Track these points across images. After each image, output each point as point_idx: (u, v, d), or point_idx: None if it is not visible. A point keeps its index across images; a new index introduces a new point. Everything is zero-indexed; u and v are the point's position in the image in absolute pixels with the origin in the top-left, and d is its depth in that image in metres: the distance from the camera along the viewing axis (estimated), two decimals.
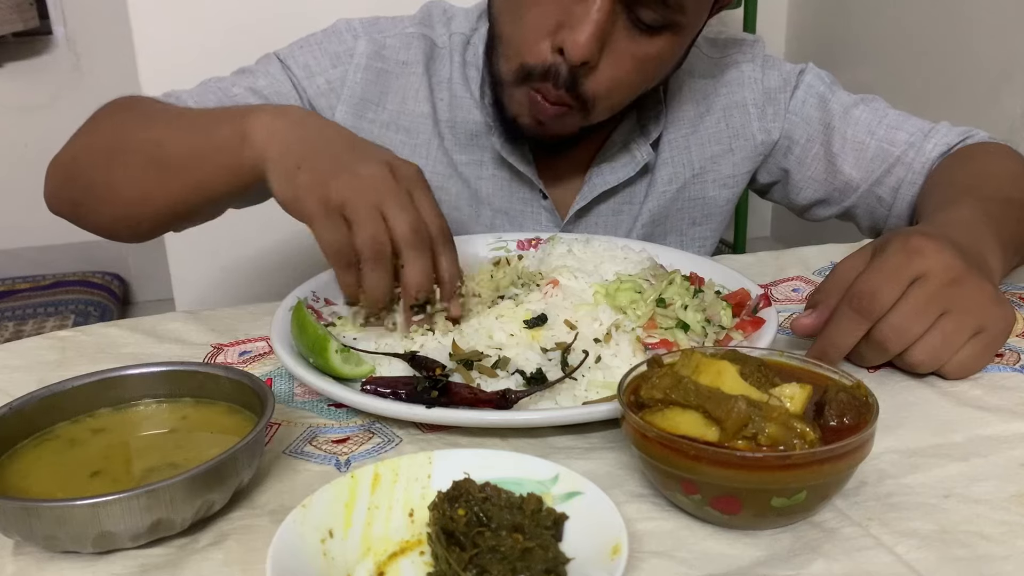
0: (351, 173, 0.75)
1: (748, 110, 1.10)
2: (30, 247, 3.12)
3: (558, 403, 0.69)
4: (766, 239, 3.38)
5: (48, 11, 3.00)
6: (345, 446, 0.67)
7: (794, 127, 1.10)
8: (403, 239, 0.74)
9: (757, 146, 1.11)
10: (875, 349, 0.72)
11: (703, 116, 1.10)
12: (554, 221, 1.07)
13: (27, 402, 0.62)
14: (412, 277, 0.75)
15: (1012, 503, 0.58)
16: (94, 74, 3.03)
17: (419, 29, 1.06)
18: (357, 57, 1.03)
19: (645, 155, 1.06)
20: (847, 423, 0.56)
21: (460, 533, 0.51)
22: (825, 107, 1.09)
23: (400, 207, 0.74)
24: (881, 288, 0.70)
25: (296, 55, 1.04)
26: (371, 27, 1.06)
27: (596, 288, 0.81)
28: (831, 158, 1.08)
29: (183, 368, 0.67)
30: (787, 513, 0.54)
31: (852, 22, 2.83)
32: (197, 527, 0.57)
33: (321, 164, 0.77)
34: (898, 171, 1.06)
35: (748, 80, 1.10)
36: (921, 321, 0.70)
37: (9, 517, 0.53)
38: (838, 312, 0.72)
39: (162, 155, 0.87)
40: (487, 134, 1.04)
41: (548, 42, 0.88)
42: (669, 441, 0.54)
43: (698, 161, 1.10)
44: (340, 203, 0.74)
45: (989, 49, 2.24)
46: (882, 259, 0.71)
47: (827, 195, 1.12)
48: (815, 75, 1.11)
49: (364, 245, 0.73)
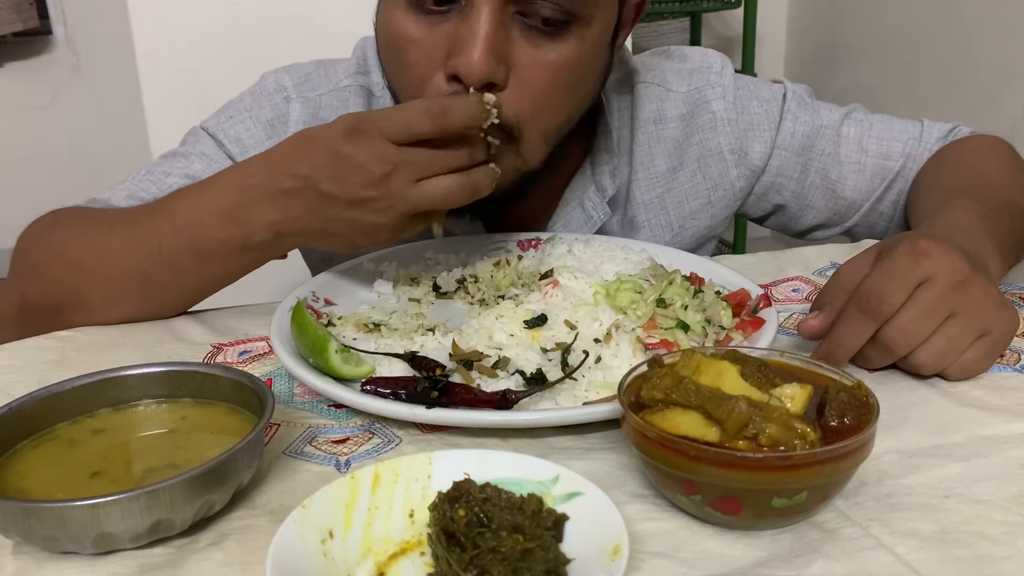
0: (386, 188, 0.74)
1: (724, 157, 1.04)
2: None
3: (558, 403, 0.69)
4: (766, 239, 3.38)
5: (48, 11, 3.00)
6: (345, 446, 0.67)
7: (785, 163, 1.05)
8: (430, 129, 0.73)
9: (736, 193, 1.06)
10: (881, 351, 0.72)
11: (676, 170, 1.03)
12: None
13: (27, 402, 0.62)
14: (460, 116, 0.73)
15: (1012, 503, 0.58)
16: (94, 74, 3.04)
17: (354, 80, 1.00)
18: (292, 124, 0.98)
19: (602, 215, 0.99)
20: (848, 423, 0.56)
21: (460, 534, 0.51)
22: (815, 133, 1.05)
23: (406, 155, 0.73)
24: (889, 290, 0.69)
25: (226, 128, 0.98)
26: (302, 85, 0.99)
27: (596, 288, 0.81)
28: (830, 185, 1.06)
29: (183, 368, 0.67)
30: (788, 513, 0.54)
31: (852, 22, 2.83)
32: (197, 527, 0.57)
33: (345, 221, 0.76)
34: (898, 184, 1.05)
35: (720, 123, 1.02)
36: (928, 324, 0.69)
37: (9, 517, 0.53)
38: (845, 314, 0.71)
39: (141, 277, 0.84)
40: None
41: (440, 73, 0.80)
42: (669, 441, 0.54)
43: (676, 220, 1.05)
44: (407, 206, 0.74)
45: (989, 49, 2.24)
46: (890, 261, 0.71)
47: (827, 219, 1.10)
48: (796, 99, 1.05)
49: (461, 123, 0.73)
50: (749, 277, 0.85)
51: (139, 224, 0.85)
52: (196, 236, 0.81)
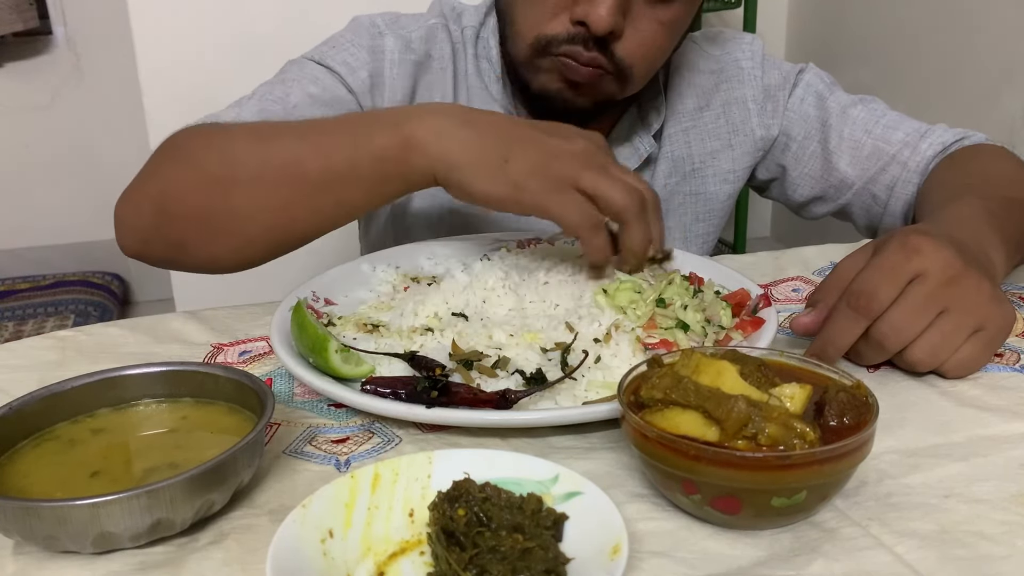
0: (565, 151, 0.76)
1: (748, 106, 1.10)
2: (30, 247, 3.12)
3: (558, 403, 0.69)
4: (766, 239, 3.38)
5: (48, 11, 3.00)
6: (345, 446, 0.67)
7: (792, 124, 1.11)
8: (630, 207, 0.75)
9: (756, 142, 1.11)
10: (873, 348, 0.72)
11: (702, 111, 1.10)
12: None
13: (27, 402, 0.62)
14: (638, 243, 0.77)
15: (1012, 503, 0.58)
16: (94, 74, 3.03)
17: (441, 21, 1.06)
18: (389, 53, 1.02)
19: (648, 146, 1.07)
20: (847, 423, 0.56)
21: (460, 533, 0.51)
22: (823, 105, 1.10)
23: (621, 171, 0.77)
24: (879, 287, 0.70)
25: (332, 55, 1.01)
26: (393, 24, 1.04)
27: (596, 288, 0.81)
28: (827, 155, 1.09)
29: (183, 368, 0.67)
30: (787, 513, 0.54)
31: (852, 22, 2.83)
32: (197, 527, 0.57)
33: (527, 152, 0.76)
34: (893, 169, 1.06)
35: (748, 77, 1.10)
36: (919, 320, 0.70)
37: (9, 517, 0.53)
38: (836, 311, 0.72)
39: (299, 175, 0.81)
40: None
41: (566, 15, 0.90)
42: (669, 441, 0.54)
43: (698, 156, 1.11)
44: (572, 178, 0.75)
45: (989, 49, 2.24)
46: (881, 258, 0.71)
47: (823, 192, 1.12)
48: (815, 74, 1.12)
49: (626, 203, 0.75)
50: (749, 277, 0.85)
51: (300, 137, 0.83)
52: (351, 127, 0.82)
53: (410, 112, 0.81)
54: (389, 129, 0.78)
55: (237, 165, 0.83)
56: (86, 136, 3.05)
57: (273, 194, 0.82)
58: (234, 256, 0.87)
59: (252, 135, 0.85)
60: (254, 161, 0.83)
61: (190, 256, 0.88)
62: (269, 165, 0.82)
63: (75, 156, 3.05)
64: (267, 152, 0.83)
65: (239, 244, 0.85)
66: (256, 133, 0.85)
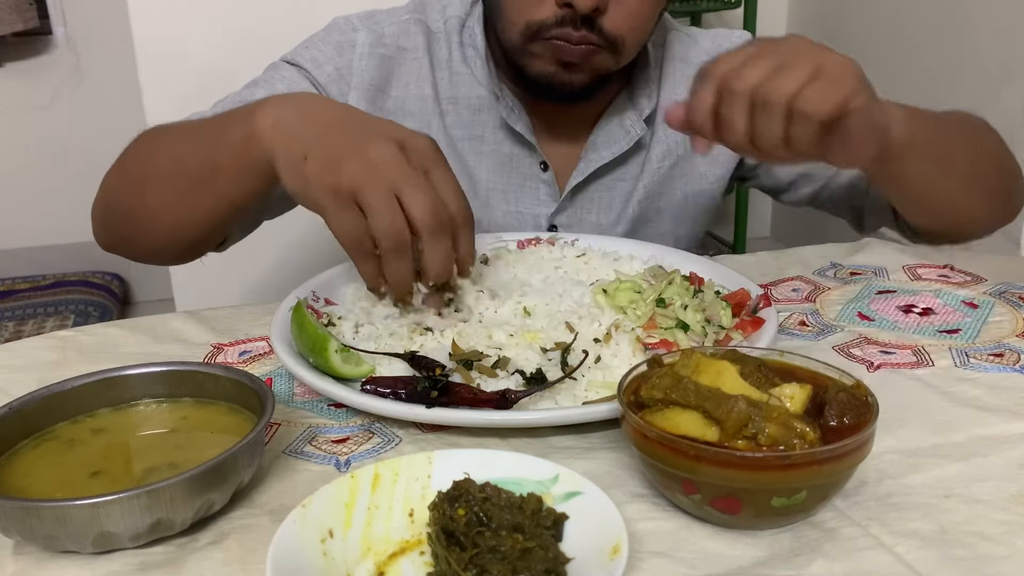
0: (361, 156, 0.72)
1: None
2: (30, 247, 3.12)
3: (558, 403, 0.69)
4: (766, 239, 3.38)
5: (48, 11, 3.00)
6: (345, 446, 0.67)
7: None
8: (423, 225, 0.71)
9: None
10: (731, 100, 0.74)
11: None
12: (552, 196, 1.08)
13: (27, 402, 0.62)
14: (432, 264, 0.73)
15: (1012, 503, 0.58)
16: (94, 74, 3.03)
17: (414, 15, 1.09)
18: (359, 46, 1.05)
19: (639, 129, 1.08)
20: (847, 423, 0.56)
21: (460, 533, 0.51)
22: None
23: (416, 189, 0.72)
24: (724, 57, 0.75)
25: (302, 53, 1.06)
26: (367, 20, 1.08)
27: (596, 288, 0.81)
28: None
29: (183, 368, 0.67)
30: (787, 513, 0.54)
31: (852, 22, 2.83)
32: (197, 527, 0.57)
33: (328, 150, 0.74)
34: None
35: None
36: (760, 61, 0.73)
37: (9, 517, 0.53)
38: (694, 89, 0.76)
39: (184, 172, 0.86)
40: (489, 108, 1.06)
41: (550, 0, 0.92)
42: (669, 441, 0.54)
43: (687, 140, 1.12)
44: (352, 191, 0.71)
45: (989, 48, 2.24)
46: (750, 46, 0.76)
47: (808, 168, 1.12)
48: None
49: (383, 236, 0.71)
50: (749, 277, 0.85)
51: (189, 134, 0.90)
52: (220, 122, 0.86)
53: (264, 102, 0.81)
54: (241, 122, 0.80)
55: (148, 164, 0.91)
56: (86, 136, 3.05)
57: (170, 190, 0.88)
58: (166, 249, 0.94)
59: (164, 135, 0.92)
60: (157, 160, 0.90)
61: (135, 249, 0.97)
62: (165, 163, 0.89)
63: (75, 156, 3.04)
64: (166, 151, 0.90)
65: (161, 238, 0.92)
66: (167, 133, 0.92)
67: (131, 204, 0.92)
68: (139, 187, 0.91)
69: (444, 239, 0.73)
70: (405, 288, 0.75)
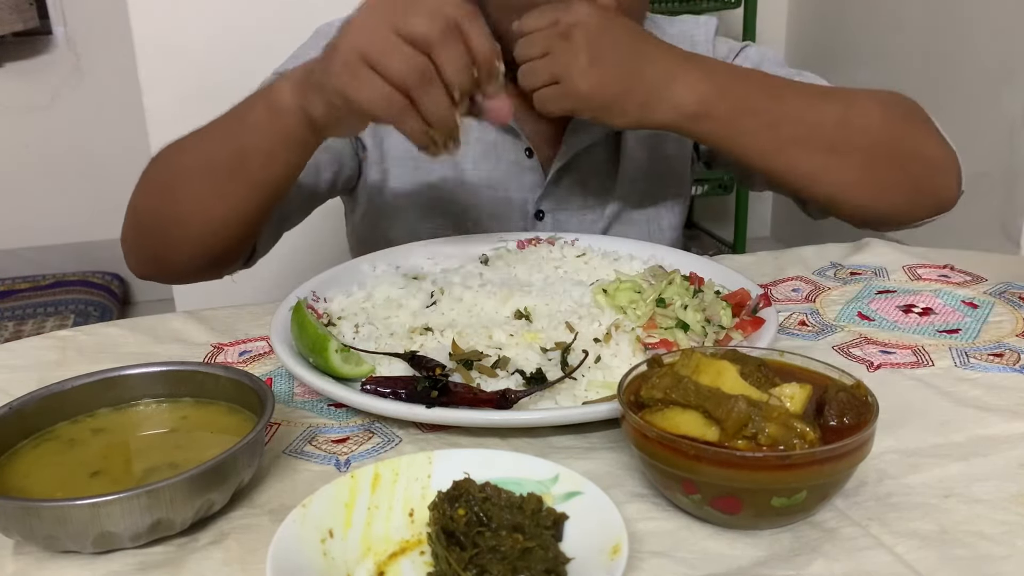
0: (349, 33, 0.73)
1: None
2: (30, 247, 3.12)
3: (558, 403, 0.69)
4: (766, 239, 3.38)
5: (48, 11, 3.00)
6: (345, 446, 0.67)
7: None
8: (425, 39, 0.70)
9: None
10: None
11: None
12: (538, 182, 1.08)
13: (27, 402, 0.62)
14: (449, 70, 0.71)
15: (1012, 503, 0.58)
16: (94, 74, 3.03)
17: None
18: None
19: None
20: (847, 423, 0.56)
21: (460, 533, 0.51)
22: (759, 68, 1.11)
23: (407, 14, 0.71)
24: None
25: (291, 63, 1.05)
26: None
27: (596, 288, 0.81)
28: None
29: (183, 368, 0.67)
30: (787, 513, 0.54)
31: (852, 22, 2.83)
32: (197, 526, 0.57)
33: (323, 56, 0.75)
34: None
35: (700, 49, 1.12)
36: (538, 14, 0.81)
37: (9, 517, 0.53)
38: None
39: (214, 166, 0.86)
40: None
41: None
42: (669, 441, 0.54)
43: None
44: (357, 58, 0.71)
45: (989, 49, 2.24)
46: None
47: None
48: (755, 49, 1.15)
49: (403, 75, 0.70)
50: (749, 277, 0.85)
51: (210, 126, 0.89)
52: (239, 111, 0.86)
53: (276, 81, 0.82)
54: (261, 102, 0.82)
55: (175, 171, 0.91)
56: (86, 136, 3.05)
57: (202, 187, 0.87)
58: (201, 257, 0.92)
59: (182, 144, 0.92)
60: (184, 164, 0.90)
61: (170, 266, 0.96)
62: (194, 164, 0.89)
63: (75, 156, 3.05)
64: (190, 154, 0.90)
65: (197, 243, 0.90)
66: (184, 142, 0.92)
67: (163, 214, 0.91)
68: (169, 194, 0.90)
69: (451, 40, 0.71)
70: (448, 122, 0.73)
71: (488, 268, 0.89)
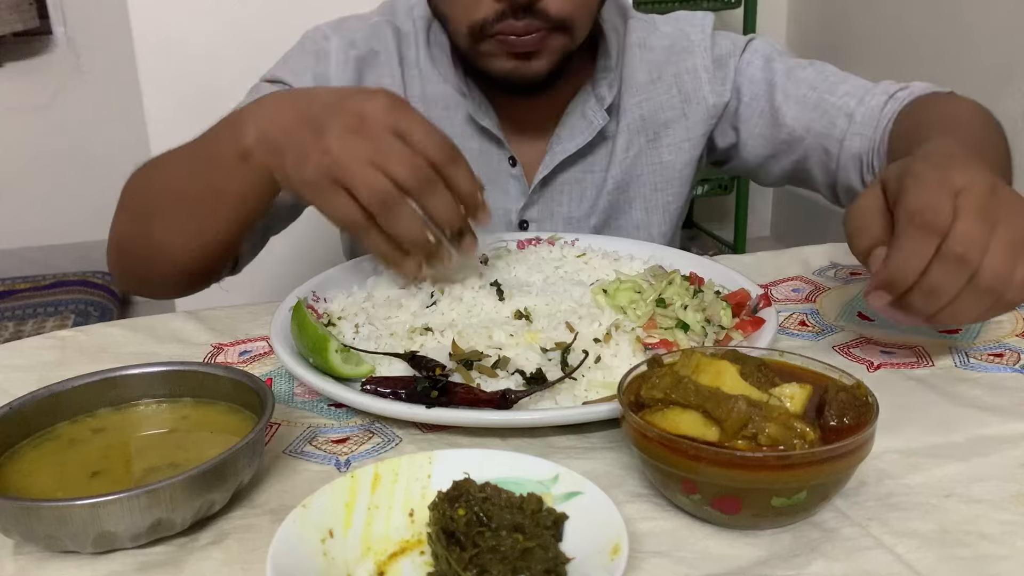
0: (324, 144, 0.73)
1: (699, 75, 1.12)
2: (30, 247, 3.12)
3: (558, 403, 0.69)
4: (766, 239, 3.38)
5: (48, 11, 3.00)
6: (345, 446, 0.67)
7: (741, 87, 1.12)
8: (407, 185, 0.71)
9: (709, 108, 1.12)
10: (949, 266, 0.64)
11: (655, 83, 1.12)
12: (521, 189, 1.09)
13: (27, 402, 0.62)
14: (438, 215, 0.73)
15: (1012, 503, 0.58)
16: (94, 74, 3.03)
17: (383, 18, 1.10)
18: (334, 53, 1.06)
19: (600, 119, 1.08)
20: (847, 423, 0.56)
21: (460, 533, 0.51)
22: (770, 67, 1.11)
23: (386, 153, 0.71)
24: (938, 200, 0.64)
25: (280, 68, 1.07)
26: (338, 27, 1.09)
27: (596, 288, 0.81)
28: (774, 112, 1.10)
29: (183, 368, 0.67)
30: (787, 513, 0.54)
31: (852, 22, 2.83)
32: (197, 526, 0.57)
33: (297, 146, 0.75)
34: (840, 122, 1.06)
35: (698, 48, 1.12)
36: (985, 228, 0.64)
37: (9, 517, 0.53)
38: (901, 235, 0.65)
39: (186, 201, 0.86)
40: (457, 106, 1.07)
41: None
42: (669, 441, 0.54)
43: (651, 127, 1.12)
44: (330, 177, 0.72)
45: (989, 49, 2.24)
46: (917, 178, 0.66)
47: (775, 149, 1.12)
48: (763, 41, 1.14)
49: (369, 201, 0.71)
50: (749, 277, 0.85)
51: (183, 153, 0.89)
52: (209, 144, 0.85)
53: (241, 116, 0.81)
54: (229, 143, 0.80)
55: (149, 200, 0.91)
56: (86, 136, 3.05)
57: (175, 221, 0.88)
58: (181, 279, 0.93)
59: (157, 168, 0.92)
60: (157, 194, 0.90)
61: (152, 286, 0.98)
62: (166, 196, 0.89)
63: (75, 156, 3.05)
64: (163, 184, 0.90)
65: (175, 269, 0.91)
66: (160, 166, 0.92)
67: (140, 242, 0.92)
68: (145, 223, 0.91)
69: (435, 188, 0.72)
70: (419, 241, 0.74)
71: (488, 268, 0.89)
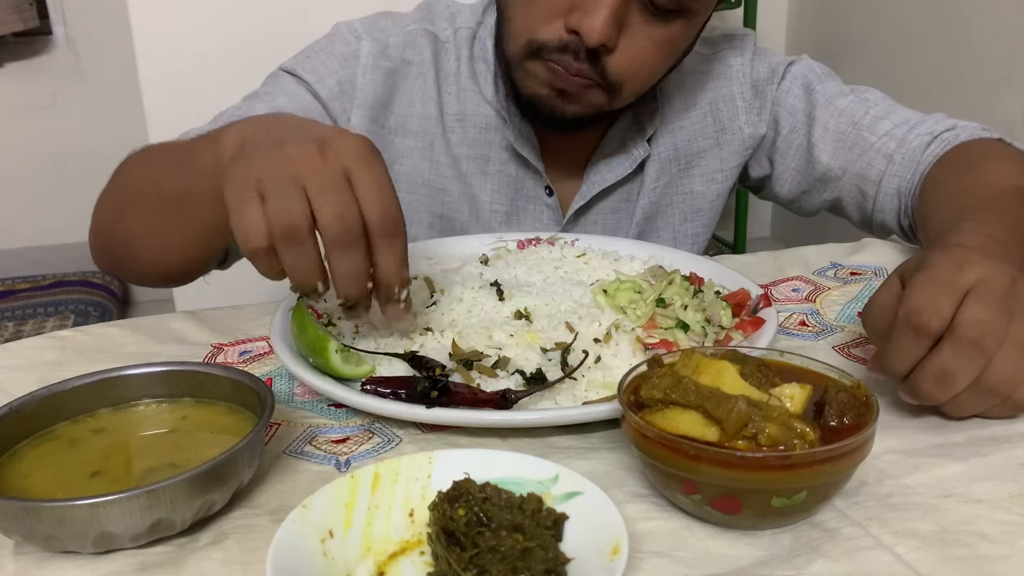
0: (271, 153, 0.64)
1: (736, 103, 1.09)
2: (30, 247, 3.12)
3: (558, 403, 0.69)
4: (766, 239, 3.38)
5: (48, 11, 3.00)
6: (345, 446, 0.67)
7: (779, 117, 1.09)
8: (327, 231, 0.62)
9: (744, 140, 1.10)
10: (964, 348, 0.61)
11: (689, 111, 1.09)
12: (555, 220, 1.07)
13: (27, 402, 0.62)
14: (336, 277, 0.64)
15: (1012, 503, 0.58)
16: (94, 74, 3.03)
17: (421, 25, 1.05)
18: (363, 58, 1.01)
19: (642, 152, 1.06)
20: (847, 423, 0.56)
21: (460, 533, 0.51)
22: (810, 97, 1.07)
23: (324, 188, 0.62)
24: (938, 302, 0.61)
25: (303, 64, 1.02)
26: (372, 27, 1.04)
27: (596, 288, 0.81)
28: (810, 148, 1.07)
29: (183, 368, 0.67)
30: (787, 513, 0.54)
31: (852, 22, 2.83)
32: (197, 527, 0.57)
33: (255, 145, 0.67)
34: (878, 163, 1.02)
35: (736, 74, 1.09)
36: (998, 327, 0.61)
37: (9, 517, 0.53)
38: (894, 333, 0.64)
39: (160, 199, 0.83)
40: (496, 128, 1.04)
41: (560, 22, 0.89)
42: (669, 441, 0.54)
43: (684, 156, 1.10)
44: (255, 176, 0.63)
45: (989, 49, 2.24)
46: (928, 272, 0.64)
47: (809, 186, 1.10)
48: (806, 65, 1.10)
49: (276, 220, 0.62)
50: (749, 277, 0.85)
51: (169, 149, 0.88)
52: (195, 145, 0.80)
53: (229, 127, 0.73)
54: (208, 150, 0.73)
55: (128, 191, 0.90)
56: (86, 136, 3.05)
57: (148, 217, 0.86)
58: (155, 273, 0.93)
59: (144, 160, 0.90)
60: (135, 186, 0.89)
61: (127, 273, 0.97)
62: (143, 190, 0.87)
63: (75, 156, 3.05)
64: (144, 177, 0.88)
65: (148, 263, 0.91)
66: (147, 158, 0.90)
67: (115, 230, 0.91)
68: (120, 214, 0.90)
69: (353, 250, 0.63)
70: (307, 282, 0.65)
71: (488, 268, 0.89)
